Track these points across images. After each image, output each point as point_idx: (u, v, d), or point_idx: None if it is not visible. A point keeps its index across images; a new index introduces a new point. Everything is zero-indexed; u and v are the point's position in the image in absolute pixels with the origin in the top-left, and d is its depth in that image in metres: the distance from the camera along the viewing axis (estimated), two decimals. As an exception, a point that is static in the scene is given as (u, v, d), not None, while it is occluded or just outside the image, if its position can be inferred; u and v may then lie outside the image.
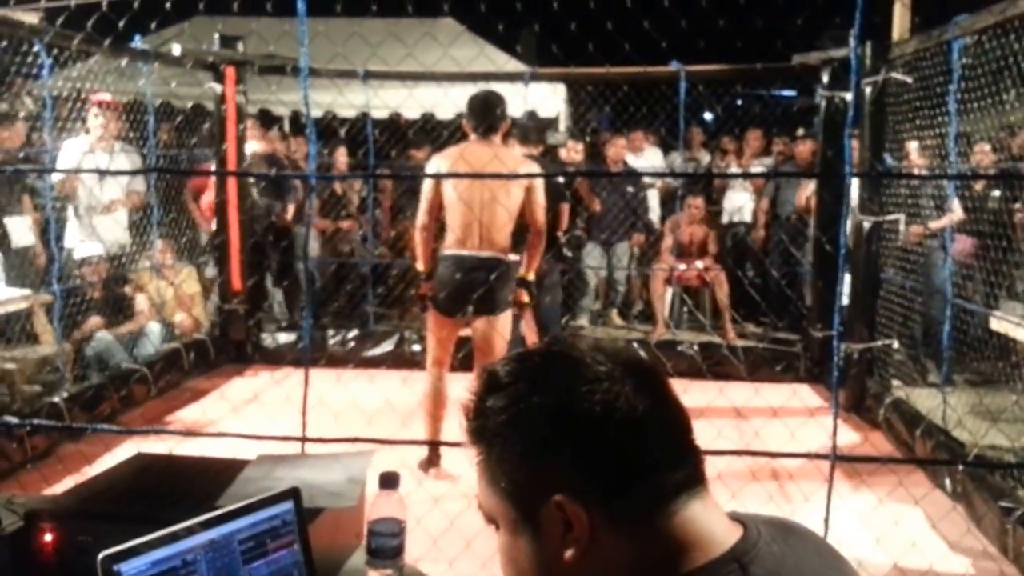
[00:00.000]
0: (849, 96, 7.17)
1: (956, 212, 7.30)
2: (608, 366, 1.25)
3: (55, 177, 7.25)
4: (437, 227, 5.84)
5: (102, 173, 7.31)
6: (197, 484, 2.34)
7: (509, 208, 5.57)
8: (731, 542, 1.24)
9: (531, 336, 7.26)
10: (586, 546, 1.21)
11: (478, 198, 5.55)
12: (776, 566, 1.24)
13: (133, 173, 7.89)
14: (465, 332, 5.92)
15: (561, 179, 7.87)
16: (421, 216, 5.73)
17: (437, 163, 5.80)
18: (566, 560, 1.22)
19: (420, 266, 5.74)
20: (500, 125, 5.71)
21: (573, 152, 9.43)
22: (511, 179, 5.41)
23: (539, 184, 5.69)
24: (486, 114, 5.65)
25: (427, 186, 5.72)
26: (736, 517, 1.32)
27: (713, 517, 1.26)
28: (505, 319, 5.71)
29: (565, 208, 7.11)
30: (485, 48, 10.89)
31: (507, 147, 5.98)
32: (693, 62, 8.27)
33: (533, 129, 7.35)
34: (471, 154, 5.56)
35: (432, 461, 5.72)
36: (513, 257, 5.73)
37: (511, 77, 9.23)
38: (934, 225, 7.30)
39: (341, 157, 9.85)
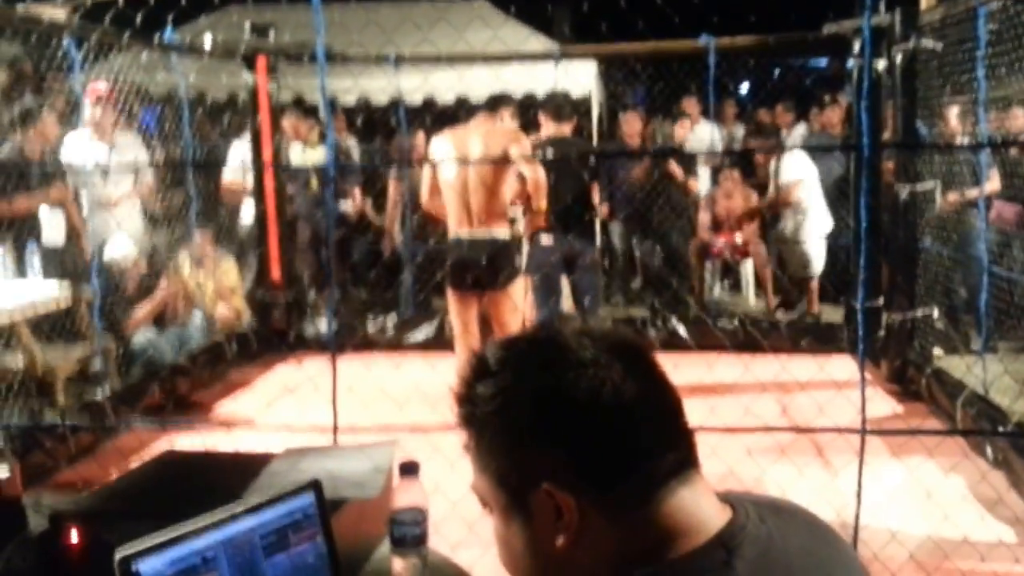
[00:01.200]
0: (882, 64, 7.10)
1: (993, 180, 7.22)
2: (595, 351, 1.25)
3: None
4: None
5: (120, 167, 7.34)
6: (224, 480, 2.36)
7: (494, 180, 5.84)
8: (719, 526, 1.25)
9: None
10: (576, 532, 1.22)
11: (466, 180, 5.85)
12: (764, 547, 1.24)
13: (173, 166, 7.92)
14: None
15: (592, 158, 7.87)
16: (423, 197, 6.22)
17: (436, 145, 6.14)
18: (558, 546, 1.23)
19: None
20: (502, 108, 6.08)
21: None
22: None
23: (523, 148, 6.00)
24: (493, 99, 6.21)
25: (426, 168, 6.14)
26: (726, 498, 1.32)
27: (702, 502, 1.27)
28: (514, 291, 5.95)
29: (594, 187, 7.10)
30: (519, 28, 10.89)
31: (501, 124, 6.15)
32: (722, 34, 8.21)
33: (566, 106, 7.32)
34: (461, 136, 6.00)
35: None
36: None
37: (540, 57, 9.20)
38: (970, 194, 7.22)
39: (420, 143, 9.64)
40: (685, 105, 10.21)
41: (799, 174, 9.00)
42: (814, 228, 9.01)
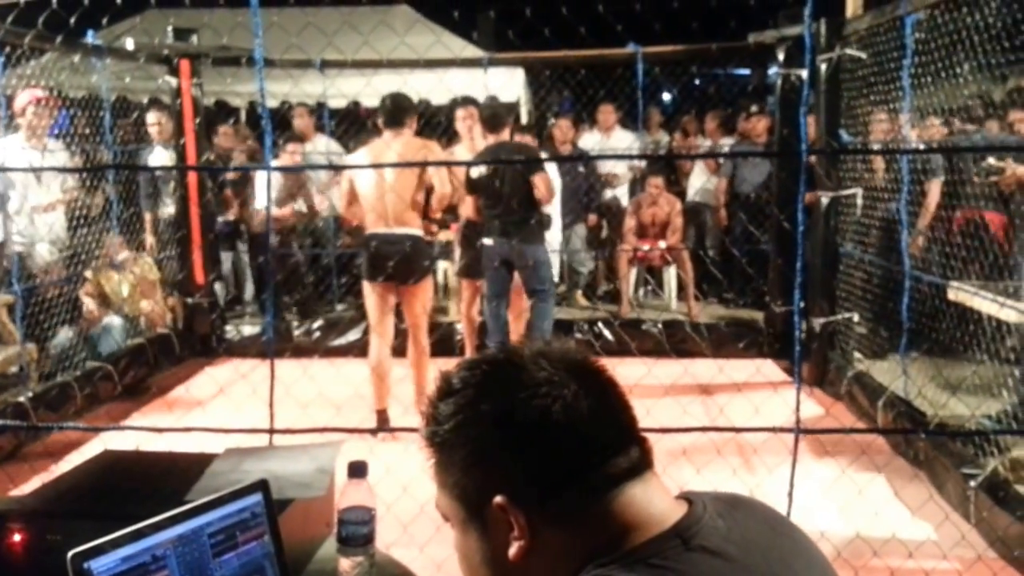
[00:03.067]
0: (804, 73, 7.22)
1: (934, 192, 7.35)
2: (549, 371, 1.31)
3: None
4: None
5: (84, 170, 7.23)
6: (165, 480, 2.34)
7: (409, 191, 6.31)
8: (674, 519, 1.29)
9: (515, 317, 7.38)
10: (528, 544, 1.27)
11: (381, 188, 6.32)
12: (721, 540, 1.28)
13: (93, 169, 7.82)
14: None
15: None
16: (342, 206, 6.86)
17: (354, 158, 6.78)
18: (512, 557, 1.28)
19: None
20: (408, 120, 6.41)
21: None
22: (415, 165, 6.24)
23: (435, 156, 6.56)
24: (396, 112, 6.39)
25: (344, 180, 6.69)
26: (684, 495, 1.37)
27: (655, 498, 1.31)
28: (426, 287, 6.61)
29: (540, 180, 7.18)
30: (442, 35, 10.88)
31: (411, 138, 6.52)
32: (650, 44, 8.29)
33: (500, 114, 7.34)
34: (377, 149, 6.43)
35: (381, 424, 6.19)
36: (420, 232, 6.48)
37: (470, 63, 9.21)
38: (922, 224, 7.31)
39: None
40: (601, 112, 10.30)
41: None
42: None
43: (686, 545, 1.25)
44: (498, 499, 1.27)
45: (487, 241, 6.93)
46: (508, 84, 10.06)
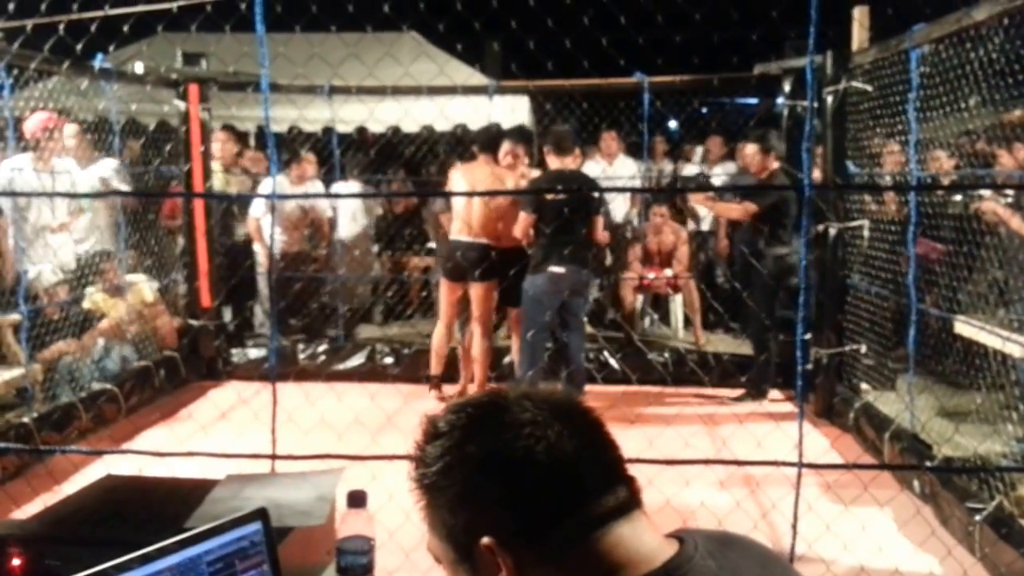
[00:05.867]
0: (810, 104, 7.23)
1: None
2: (534, 412, 1.32)
3: None
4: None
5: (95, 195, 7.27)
6: (166, 506, 2.35)
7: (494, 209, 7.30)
8: (664, 558, 1.29)
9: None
10: None
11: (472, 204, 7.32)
12: None
13: (100, 196, 7.82)
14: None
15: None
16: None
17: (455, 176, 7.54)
18: None
19: None
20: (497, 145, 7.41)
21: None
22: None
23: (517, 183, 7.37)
24: (489, 141, 7.49)
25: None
26: (676, 534, 1.37)
27: (644, 537, 1.32)
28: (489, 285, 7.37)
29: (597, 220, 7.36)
30: (449, 63, 10.92)
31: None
32: (656, 73, 8.32)
33: (567, 139, 7.40)
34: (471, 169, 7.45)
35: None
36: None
37: (475, 91, 9.24)
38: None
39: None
40: (604, 140, 10.32)
41: None
42: None
43: None
44: (485, 540, 1.28)
45: (555, 269, 6.93)
46: (513, 112, 10.09)
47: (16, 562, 1.97)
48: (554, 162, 7.18)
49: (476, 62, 12.28)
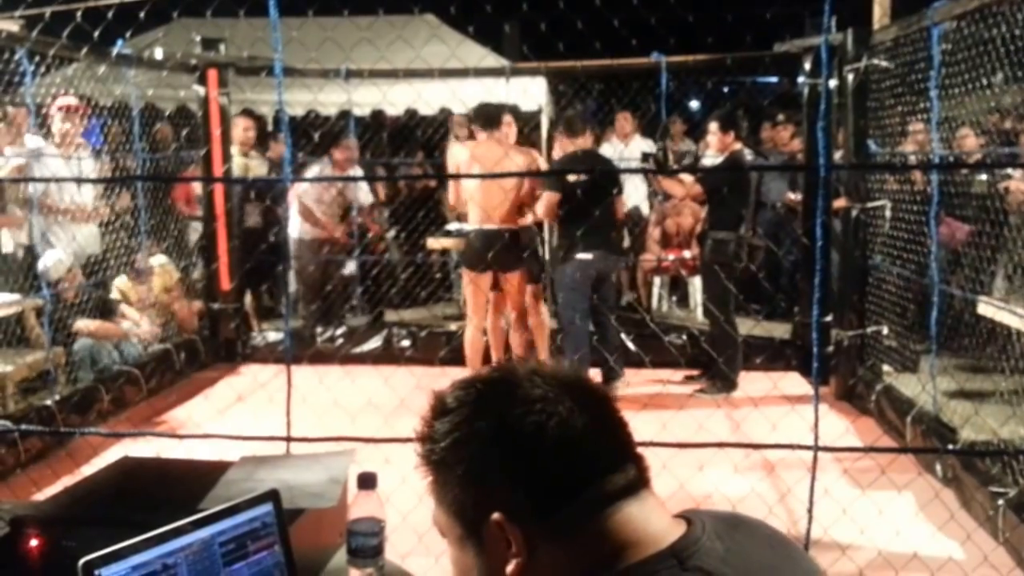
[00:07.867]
0: (832, 83, 7.19)
1: None
2: (544, 388, 1.31)
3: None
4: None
5: (105, 181, 7.29)
6: (181, 487, 2.36)
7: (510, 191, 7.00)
8: (672, 539, 1.29)
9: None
10: (525, 561, 1.28)
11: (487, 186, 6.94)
12: (718, 561, 1.27)
13: (121, 181, 7.85)
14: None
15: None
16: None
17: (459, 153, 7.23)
18: (508, 574, 1.28)
19: None
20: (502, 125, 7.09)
21: None
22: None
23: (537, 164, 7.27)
24: (490, 118, 7.10)
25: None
26: (684, 515, 1.36)
27: (652, 516, 1.31)
28: (520, 275, 7.21)
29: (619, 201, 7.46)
30: (464, 43, 10.88)
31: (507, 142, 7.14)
32: (675, 52, 8.28)
33: (578, 120, 7.38)
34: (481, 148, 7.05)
35: None
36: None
37: (492, 73, 9.20)
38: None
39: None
40: (618, 120, 10.28)
41: None
42: None
43: (682, 565, 1.25)
44: (495, 516, 1.27)
45: (584, 255, 6.94)
46: (530, 93, 10.05)
47: (33, 543, 1.99)
48: (567, 145, 7.17)
49: (491, 43, 12.21)
